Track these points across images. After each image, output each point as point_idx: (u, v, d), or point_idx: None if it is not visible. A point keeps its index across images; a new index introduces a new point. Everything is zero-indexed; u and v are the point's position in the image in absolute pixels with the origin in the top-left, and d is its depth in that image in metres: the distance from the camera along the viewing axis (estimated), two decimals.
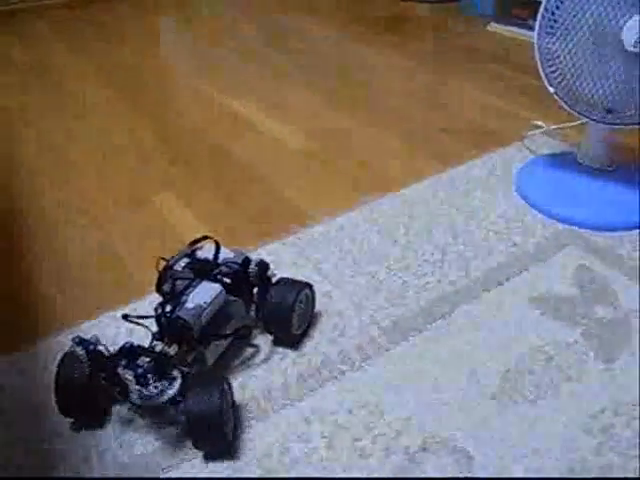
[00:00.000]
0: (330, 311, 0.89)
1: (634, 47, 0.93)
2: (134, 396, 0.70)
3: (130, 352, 0.72)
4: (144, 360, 0.71)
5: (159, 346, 0.73)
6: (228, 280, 0.81)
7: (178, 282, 0.78)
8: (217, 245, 0.83)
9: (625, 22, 0.93)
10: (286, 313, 0.80)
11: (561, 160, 1.21)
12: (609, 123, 1.05)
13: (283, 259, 1.00)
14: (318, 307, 0.89)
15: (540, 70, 1.05)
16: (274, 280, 0.84)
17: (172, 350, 0.72)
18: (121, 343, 0.73)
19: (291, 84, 1.75)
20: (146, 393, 0.69)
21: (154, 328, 0.75)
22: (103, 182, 1.27)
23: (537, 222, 1.08)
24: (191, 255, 0.82)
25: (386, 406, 0.74)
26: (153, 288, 0.81)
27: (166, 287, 0.77)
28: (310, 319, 0.87)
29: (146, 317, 0.75)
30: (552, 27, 1.00)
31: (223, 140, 1.43)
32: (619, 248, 1.02)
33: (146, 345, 0.73)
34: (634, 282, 0.94)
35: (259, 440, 0.71)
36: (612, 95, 1.00)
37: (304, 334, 0.85)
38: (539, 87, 1.08)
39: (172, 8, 2.67)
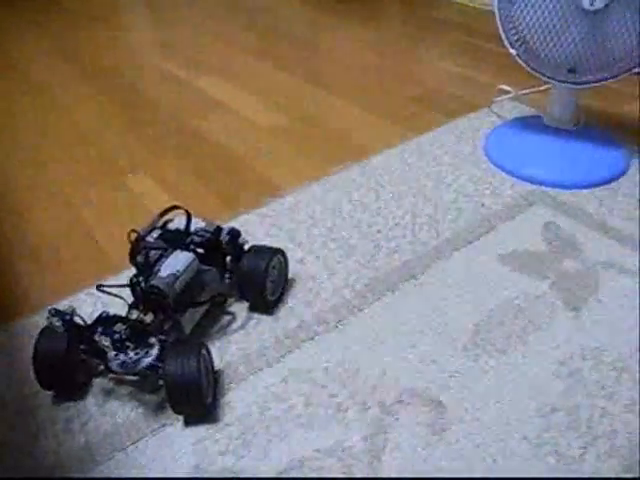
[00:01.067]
0: (304, 276, 0.90)
1: (590, 5, 0.95)
2: (113, 364, 0.71)
3: (107, 320, 0.73)
4: (120, 327, 0.72)
5: (135, 314, 0.74)
6: (201, 249, 0.82)
7: (151, 253, 0.78)
8: (188, 215, 0.84)
9: None
10: (260, 279, 0.81)
11: (527, 123, 1.23)
12: (572, 83, 1.07)
13: (256, 230, 1.01)
14: (292, 273, 0.90)
15: (502, 34, 1.06)
16: (246, 248, 0.85)
17: (148, 318, 0.73)
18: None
19: (258, 60, 1.75)
20: (125, 360, 0.70)
21: (130, 300, 0.76)
22: (74, 164, 1.27)
23: (505, 183, 1.10)
24: (163, 227, 0.83)
25: (361, 363, 0.76)
26: (128, 265, 0.80)
27: (139, 258, 0.78)
28: (284, 284, 0.88)
29: (120, 286, 0.76)
30: None
31: (193, 119, 1.42)
32: (585, 204, 1.04)
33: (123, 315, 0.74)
34: (600, 235, 0.96)
35: (239, 402, 0.72)
36: (572, 55, 1.01)
37: (279, 299, 0.86)
38: (505, 54, 1.10)
39: None
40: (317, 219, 1.02)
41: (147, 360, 0.71)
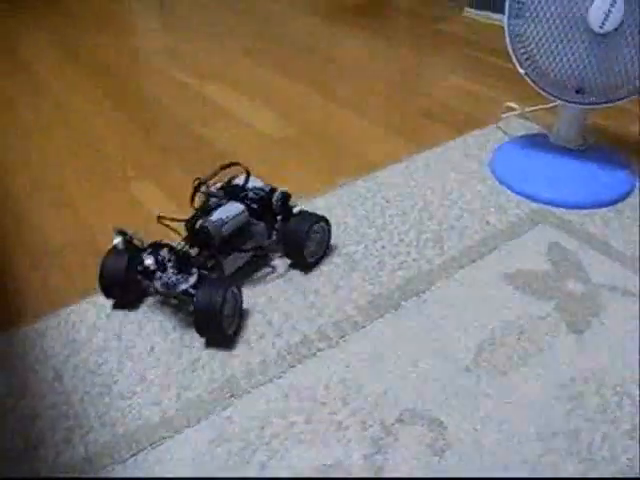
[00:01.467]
0: (307, 290, 0.90)
1: (600, 28, 0.95)
2: (157, 283, 0.82)
3: (158, 246, 0.85)
4: (166, 252, 0.83)
5: (182, 246, 0.85)
6: (255, 205, 0.93)
7: (211, 200, 0.91)
8: (247, 173, 0.94)
9: (591, 4, 0.95)
10: (301, 240, 0.90)
11: (534, 141, 1.23)
12: (579, 103, 1.07)
13: None
14: (295, 287, 0.90)
15: (510, 52, 1.07)
16: (295, 211, 0.94)
17: (193, 252, 0.85)
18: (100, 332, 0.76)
19: (266, 69, 1.75)
20: (166, 280, 0.82)
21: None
22: (79, 168, 1.27)
23: (511, 201, 1.10)
24: (228, 181, 0.95)
25: (362, 381, 0.76)
26: None
27: (198, 201, 0.91)
28: (325, 250, 0.97)
29: (178, 220, 0.87)
30: (520, 9, 1.01)
31: (199, 126, 1.43)
32: (590, 225, 1.04)
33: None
34: (604, 257, 0.96)
35: (239, 417, 0.72)
36: (580, 76, 1.02)
37: (317, 262, 0.96)
38: (513, 71, 1.10)
39: None
40: None
41: (184, 285, 0.82)
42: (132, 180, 1.22)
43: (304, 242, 0.91)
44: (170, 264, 0.82)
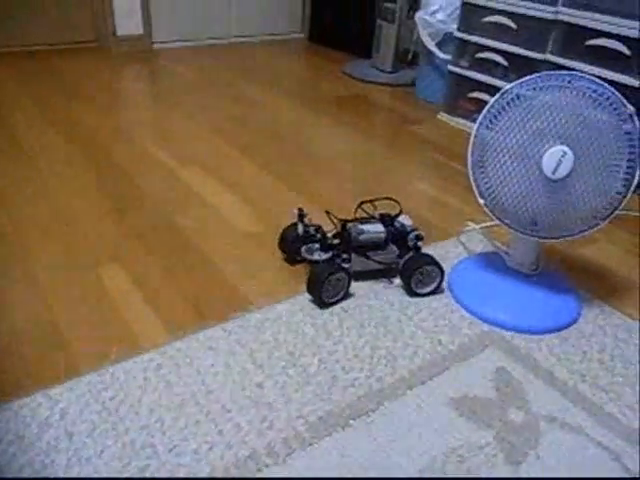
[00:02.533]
0: (260, 403, 0.93)
1: (552, 174, 1.03)
2: (304, 248, 1.25)
3: (318, 229, 1.27)
4: (320, 234, 1.25)
5: (329, 236, 1.25)
6: (395, 233, 1.25)
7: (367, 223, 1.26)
8: (400, 210, 1.31)
9: (545, 151, 1.03)
10: (409, 272, 1.19)
11: (491, 261, 1.30)
12: (534, 236, 1.14)
13: (220, 345, 1.04)
14: (249, 397, 0.93)
15: (472, 183, 1.14)
16: (422, 250, 1.24)
17: (335, 241, 1.24)
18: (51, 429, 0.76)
19: (245, 157, 1.82)
20: (310, 247, 1.24)
21: None
22: (50, 247, 1.30)
23: (464, 321, 1.15)
24: (386, 216, 1.29)
25: None
26: (91, 367, 0.93)
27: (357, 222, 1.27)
28: (435, 288, 1.22)
29: (339, 219, 1.28)
30: (491, 122, 1.09)
31: (172, 213, 1.47)
32: (536, 351, 1.09)
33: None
34: (546, 386, 1.01)
35: None
36: (534, 213, 1.09)
37: (418, 294, 1.22)
38: None
39: (137, 64, 2.75)
40: (280, 341, 1.06)
41: (317, 256, 1.22)
42: (101, 266, 1.25)
43: (411, 275, 1.18)
44: (317, 242, 1.23)
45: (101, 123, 2.03)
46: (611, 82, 1.04)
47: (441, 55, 2.32)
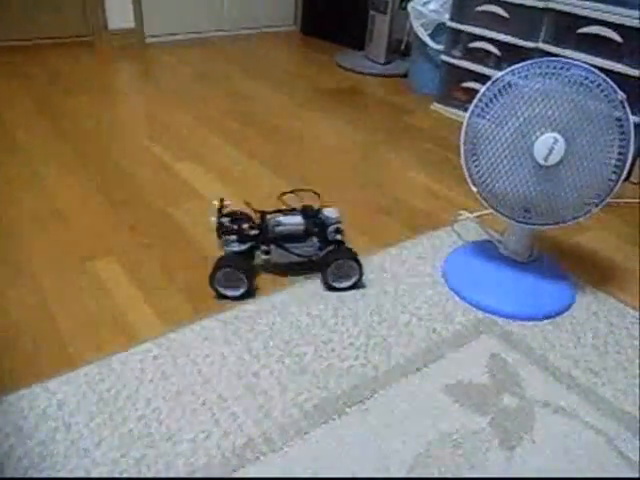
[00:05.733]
0: (257, 391, 0.94)
1: (544, 161, 1.04)
2: (225, 237, 1.20)
3: (238, 218, 1.22)
4: (237, 225, 1.20)
5: (246, 225, 1.20)
6: (315, 226, 1.20)
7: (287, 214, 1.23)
8: (319, 208, 1.25)
9: (536, 139, 1.03)
10: (325, 266, 1.16)
11: (484, 249, 1.31)
12: (527, 223, 1.15)
13: (216, 335, 1.05)
14: (245, 386, 0.94)
15: (465, 172, 1.15)
16: (340, 244, 1.22)
17: (253, 233, 1.19)
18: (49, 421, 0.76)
19: (239, 151, 1.82)
20: (227, 238, 1.20)
21: None
22: (45, 241, 1.30)
23: (458, 309, 1.16)
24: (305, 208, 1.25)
25: None
26: (86, 359, 0.93)
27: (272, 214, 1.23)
28: (349, 284, 1.19)
29: (257, 211, 1.24)
30: (483, 110, 1.10)
31: (167, 205, 1.48)
32: (530, 338, 1.10)
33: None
34: (540, 371, 1.02)
35: None
36: (527, 200, 1.10)
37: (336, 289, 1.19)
38: None
39: (130, 58, 2.74)
40: (276, 331, 1.07)
41: (233, 246, 1.19)
42: (96, 259, 1.25)
43: (327, 269, 1.16)
44: (234, 236, 1.19)
45: (94, 117, 2.02)
46: (603, 70, 1.05)
47: (434, 45, 2.32)
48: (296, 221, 1.20)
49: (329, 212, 1.23)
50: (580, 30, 1.78)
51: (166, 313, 1.10)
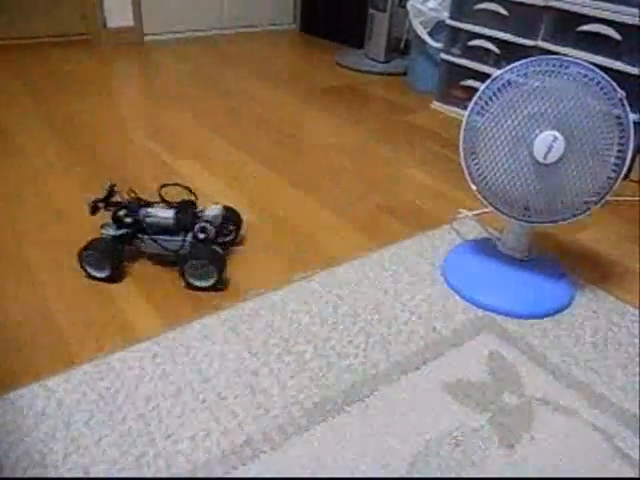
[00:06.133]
0: (257, 389, 0.94)
1: (544, 159, 1.04)
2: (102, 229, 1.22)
3: (116, 207, 1.22)
4: (113, 211, 1.21)
5: (123, 214, 1.21)
6: (185, 221, 1.20)
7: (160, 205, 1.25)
8: (196, 203, 1.27)
9: (536, 136, 1.03)
10: (182, 263, 1.15)
11: (484, 247, 1.31)
12: (526, 221, 1.15)
13: (214, 333, 1.05)
14: (245, 385, 0.94)
15: (465, 169, 1.15)
16: (200, 241, 1.19)
17: (127, 220, 1.20)
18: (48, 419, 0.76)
19: (239, 149, 1.82)
20: (104, 223, 1.21)
21: None
22: (45, 243, 1.30)
23: (457, 307, 1.16)
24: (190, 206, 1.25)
25: None
26: (87, 357, 0.94)
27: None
28: (207, 284, 1.16)
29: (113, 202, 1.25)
30: (483, 108, 1.10)
31: None
32: (530, 335, 1.10)
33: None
34: (539, 369, 1.02)
35: None
36: (526, 199, 1.10)
37: (196, 287, 1.17)
38: None
39: (129, 56, 2.74)
40: (275, 329, 1.07)
41: (109, 230, 1.21)
42: None
43: (183, 266, 1.16)
44: (110, 222, 1.21)
45: (93, 116, 2.02)
46: (602, 67, 1.05)
47: (433, 43, 2.32)
48: (166, 215, 1.20)
49: (210, 210, 1.24)
50: (579, 28, 1.78)
51: (166, 311, 1.10)
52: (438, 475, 0.82)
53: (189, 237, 1.20)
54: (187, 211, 1.22)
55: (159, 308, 1.11)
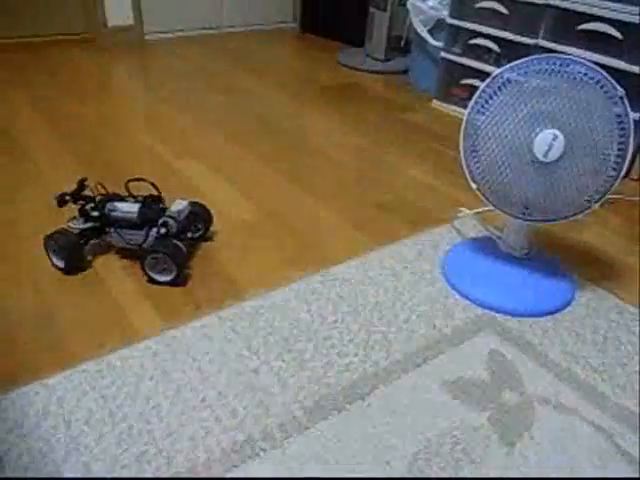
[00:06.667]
0: (257, 388, 0.94)
1: (544, 157, 1.04)
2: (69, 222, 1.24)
3: (85, 201, 1.23)
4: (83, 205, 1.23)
5: (90, 207, 1.22)
6: (150, 215, 1.21)
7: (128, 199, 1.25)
8: (160, 194, 1.28)
9: (536, 135, 1.03)
10: (143, 257, 1.17)
11: (483, 246, 1.31)
12: (526, 219, 1.15)
13: (215, 332, 1.05)
14: (245, 383, 0.94)
15: (465, 168, 1.15)
16: (162, 237, 1.20)
17: (94, 214, 1.21)
18: (49, 418, 0.76)
19: (240, 148, 1.82)
20: (75, 216, 1.23)
21: None
22: (41, 236, 1.30)
23: (458, 305, 1.16)
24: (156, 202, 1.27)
25: None
26: (88, 355, 0.94)
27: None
28: (166, 279, 1.17)
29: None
30: (483, 106, 1.10)
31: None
32: (530, 334, 1.10)
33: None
34: (540, 368, 1.02)
35: None
36: (526, 197, 1.10)
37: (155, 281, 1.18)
38: None
39: (129, 55, 2.74)
40: (275, 327, 1.07)
41: (75, 222, 1.23)
42: (95, 255, 1.25)
43: (144, 260, 1.17)
44: (79, 217, 1.23)
45: (93, 114, 2.02)
46: (602, 66, 1.04)
47: (433, 42, 2.32)
48: (131, 209, 1.21)
49: (176, 206, 1.25)
50: (580, 26, 1.77)
51: (166, 310, 1.11)
52: (438, 474, 0.82)
53: (153, 232, 1.21)
54: (152, 206, 1.23)
55: (159, 306, 1.11)
